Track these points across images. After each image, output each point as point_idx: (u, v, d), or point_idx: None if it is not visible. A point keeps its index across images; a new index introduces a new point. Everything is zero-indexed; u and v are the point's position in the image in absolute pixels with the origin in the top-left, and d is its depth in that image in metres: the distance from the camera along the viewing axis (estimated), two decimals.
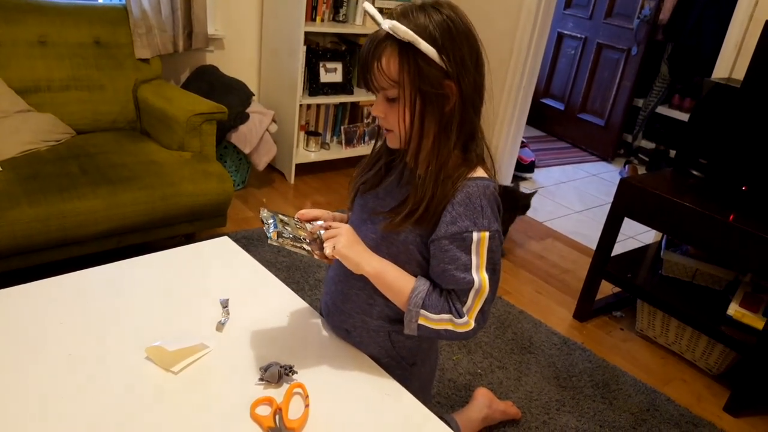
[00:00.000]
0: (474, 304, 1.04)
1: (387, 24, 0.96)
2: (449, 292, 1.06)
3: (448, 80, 0.98)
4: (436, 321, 1.05)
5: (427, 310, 1.05)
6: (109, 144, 2.40)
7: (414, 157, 1.07)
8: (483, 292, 1.04)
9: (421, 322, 1.05)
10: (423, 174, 1.03)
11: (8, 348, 1.06)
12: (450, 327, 1.05)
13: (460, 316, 1.04)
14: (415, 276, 1.09)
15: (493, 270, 1.05)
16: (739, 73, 2.43)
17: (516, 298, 2.60)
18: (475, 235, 1.02)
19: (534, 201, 3.74)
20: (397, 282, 1.07)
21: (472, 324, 1.05)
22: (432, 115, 1.01)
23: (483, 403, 1.80)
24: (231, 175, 2.99)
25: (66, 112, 2.46)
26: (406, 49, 0.96)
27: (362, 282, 1.11)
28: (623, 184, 2.28)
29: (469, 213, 1.02)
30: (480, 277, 1.03)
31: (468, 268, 1.03)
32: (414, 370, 1.24)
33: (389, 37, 0.97)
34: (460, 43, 0.98)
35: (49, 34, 2.46)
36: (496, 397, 1.86)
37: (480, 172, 1.06)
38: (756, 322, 2.07)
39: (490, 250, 1.03)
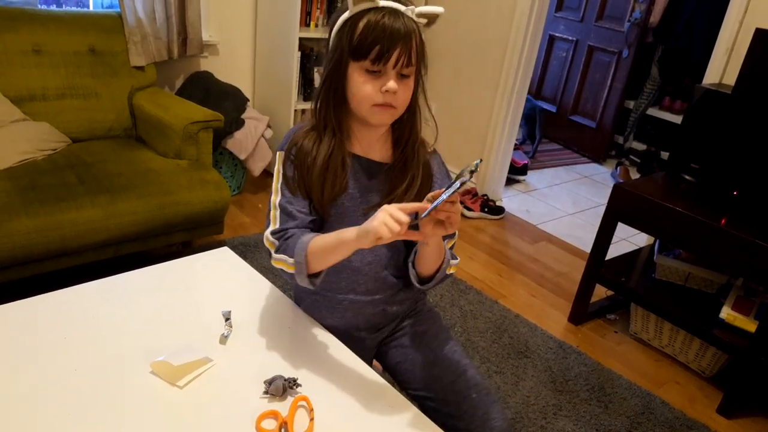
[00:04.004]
0: (450, 248, 1.25)
1: (416, 10, 1.08)
2: None
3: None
4: (451, 266, 1.23)
5: (452, 259, 1.22)
6: (105, 152, 2.40)
7: (403, 133, 1.20)
8: (455, 238, 1.26)
9: (448, 271, 1.21)
10: (410, 153, 1.19)
11: (14, 364, 1.06)
12: (453, 270, 1.25)
13: (456, 258, 1.26)
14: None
15: None
16: (730, 79, 2.46)
17: (511, 301, 2.63)
18: None
19: (527, 203, 3.80)
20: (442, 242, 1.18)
21: None
22: (418, 92, 1.17)
23: None
24: (227, 181, 2.99)
25: (61, 121, 2.46)
26: (421, 33, 1.10)
27: (367, 266, 1.25)
28: (616, 190, 2.31)
29: (443, 177, 1.25)
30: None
31: None
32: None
33: (411, 19, 1.08)
34: None
35: (44, 43, 2.46)
36: None
37: (428, 145, 1.26)
38: (748, 325, 2.10)
39: None
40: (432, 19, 1.10)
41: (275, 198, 1.18)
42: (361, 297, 1.27)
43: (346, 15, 1.08)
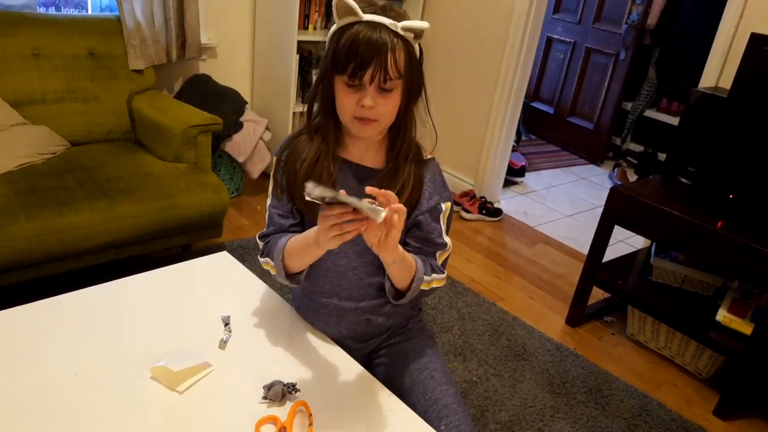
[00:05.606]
0: (442, 261, 1.25)
1: (400, 24, 1.07)
2: (425, 257, 1.23)
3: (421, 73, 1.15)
4: (430, 281, 1.21)
5: (426, 275, 1.20)
6: (104, 156, 2.41)
7: (395, 142, 1.19)
8: (448, 250, 1.25)
9: (422, 287, 1.19)
10: (402, 162, 1.18)
11: (14, 369, 1.07)
12: (435, 284, 1.23)
13: (442, 272, 1.24)
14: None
15: (448, 232, 1.26)
16: (726, 82, 2.47)
17: (509, 304, 2.64)
18: (443, 205, 1.23)
19: (525, 205, 3.81)
20: (409, 258, 1.17)
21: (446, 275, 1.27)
22: (413, 104, 1.16)
23: None
24: (225, 183, 3.01)
25: (61, 124, 2.47)
26: (407, 45, 1.09)
27: (352, 272, 1.25)
28: (613, 193, 2.32)
29: (437, 188, 1.23)
30: (448, 240, 1.24)
31: (441, 234, 1.23)
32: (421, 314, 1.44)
33: (394, 33, 1.07)
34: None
35: (43, 47, 2.46)
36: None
37: (425, 152, 1.24)
38: (744, 327, 2.12)
39: (449, 217, 1.26)
40: (418, 33, 1.10)
41: (267, 201, 1.29)
42: (344, 303, 1.27)
43: (334, 27, 1.11)
